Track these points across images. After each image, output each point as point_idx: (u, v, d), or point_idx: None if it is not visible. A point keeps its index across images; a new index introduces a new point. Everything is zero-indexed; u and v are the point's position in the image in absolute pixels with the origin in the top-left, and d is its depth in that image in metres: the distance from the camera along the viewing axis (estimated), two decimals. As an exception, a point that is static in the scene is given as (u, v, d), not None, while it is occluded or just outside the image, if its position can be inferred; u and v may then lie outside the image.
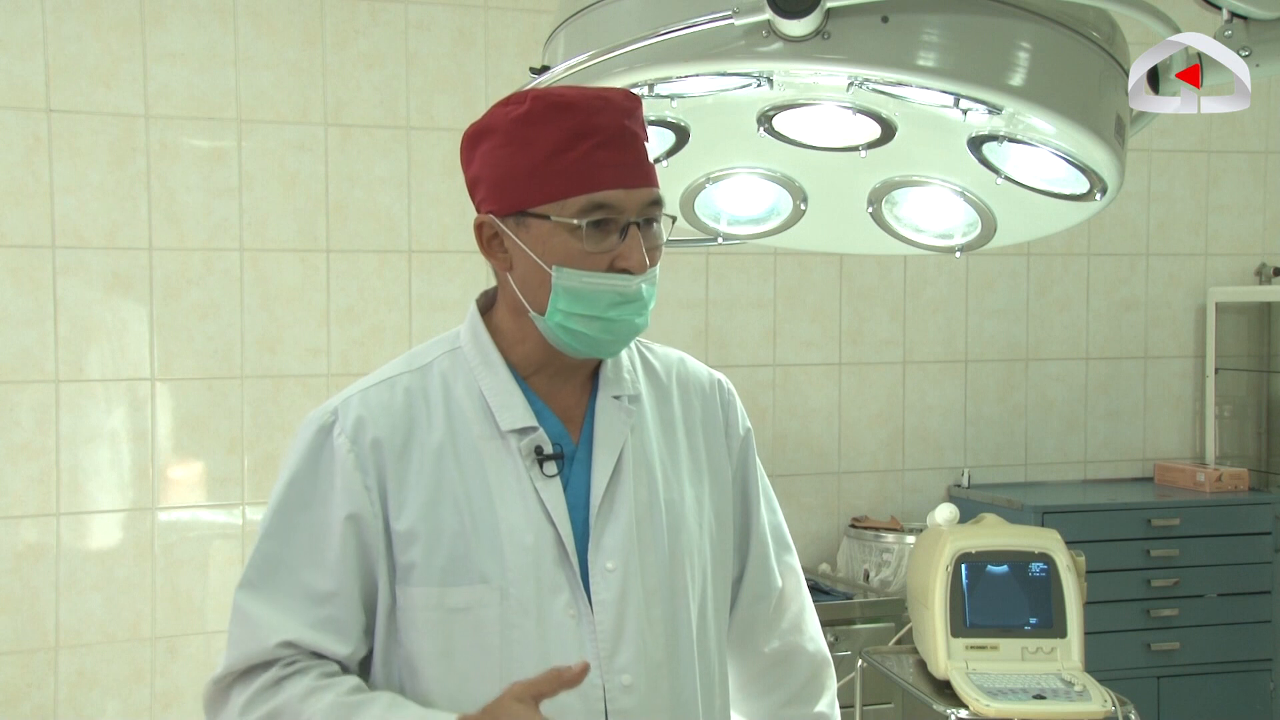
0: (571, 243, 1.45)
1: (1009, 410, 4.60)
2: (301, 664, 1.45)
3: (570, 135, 1.44)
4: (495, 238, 1.51)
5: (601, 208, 1.44)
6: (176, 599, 3.72)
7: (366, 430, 1.49)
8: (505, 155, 1.48)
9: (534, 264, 1.47)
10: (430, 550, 1.47)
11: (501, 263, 1.52)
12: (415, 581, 1.47)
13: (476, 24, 3.97)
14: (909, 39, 1.63)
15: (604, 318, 1.47)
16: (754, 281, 4.29)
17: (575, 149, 1.44)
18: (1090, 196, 1.89)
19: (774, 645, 1.72)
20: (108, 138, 3.65)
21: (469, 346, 1.56)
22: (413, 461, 1.49)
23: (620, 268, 1.46)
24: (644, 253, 1.46)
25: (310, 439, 1.51)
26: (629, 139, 1.47)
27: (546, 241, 1.46)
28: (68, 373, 3.64)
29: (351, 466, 1.48)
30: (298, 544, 1.48)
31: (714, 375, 1.73)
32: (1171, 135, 4.65)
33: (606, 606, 1.49)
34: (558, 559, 1.49)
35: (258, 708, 1.43)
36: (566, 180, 1.44)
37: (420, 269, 3.92)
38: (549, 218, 1.45)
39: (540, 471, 1.50)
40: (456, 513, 1.48)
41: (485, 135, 1.50)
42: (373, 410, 1.51)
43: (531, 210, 1.46)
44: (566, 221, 1.44)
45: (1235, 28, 1.65)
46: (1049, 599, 2.74)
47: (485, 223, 1.51)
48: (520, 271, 1.50)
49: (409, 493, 1.48)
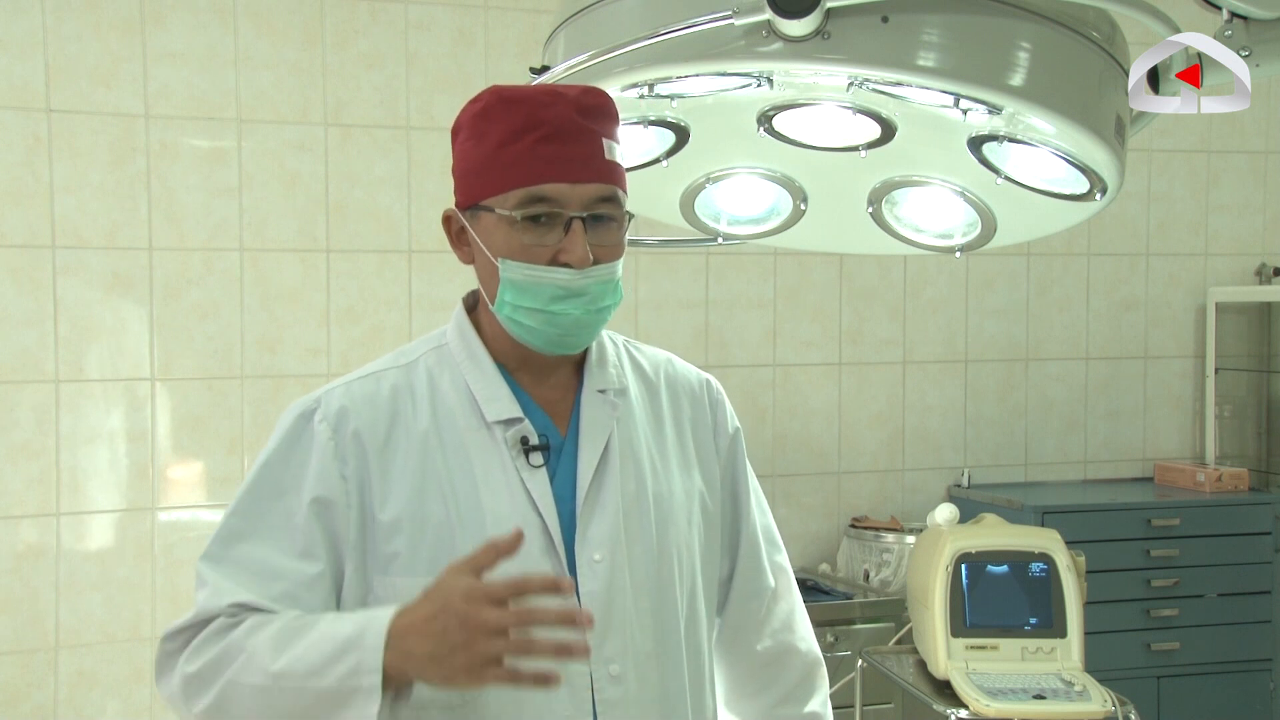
0: (512, 235, 1.47)
1: (1009, 410, 4.60)
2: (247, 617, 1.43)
3: (516, 129, 1.46)
4: (462, 231, 1.54)
5: (541, 201, 1.45)
6: (176, 599, 3.72)
7: (349, 420, 1.50)
8: (466, 150, 1.52)
9: (485, 257, 1.50)
10: (415, 540, 1.47)
11: (464, 255, 1.56)
12: (397, 571, 1.47)
13: (476, 24, 3.97)
14: (909, 39, 1.63)
15: (547, 310, 1.48)
16: (754, 281, 4.29)
17: (519, 142, 1.45)
18: (1090, 196, 1.89)
19: (766, 644, 1.72)
20: (108, 138, 3.65)
21: (455, 342, 1.58)
22: (397, 452, 1.50)
23: (562, 262, 1.46)
24: (586, 248, 1.46)
25: (291, 423, 1.52)
26: (578, 133, 1.47)
27: (492, 234, 1.49)
28: (68, 373, 3.64)
29: (329, 454, 1.48)
30: (265, 522, 1.48)
31: (702, 375, 1.73)
32: (1171, 135, 4.65)
33: (594, 597, 1.49)
34: (544, 549, 1.49)
35: (203, 654, 1.41)
36: (508, 172, 1.46)
37: (420, 269, 3.92)
38: (493, 210, 1.47)
39: (526, 462, 1.51)
40: (442, 502, 1.48)
41: (457, 132, 1.54)
42: (356, 401, 1.52)
43: (481, 203, 1.49)
44: (507, 214, 1.46)
45: (1235, 28, 1.65)
46: (1049, 599, 2.74)
47: (451, 216, 1.55)
48: (478, 264, 1.54)
49: (393, 483, 1.48)
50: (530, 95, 1.48)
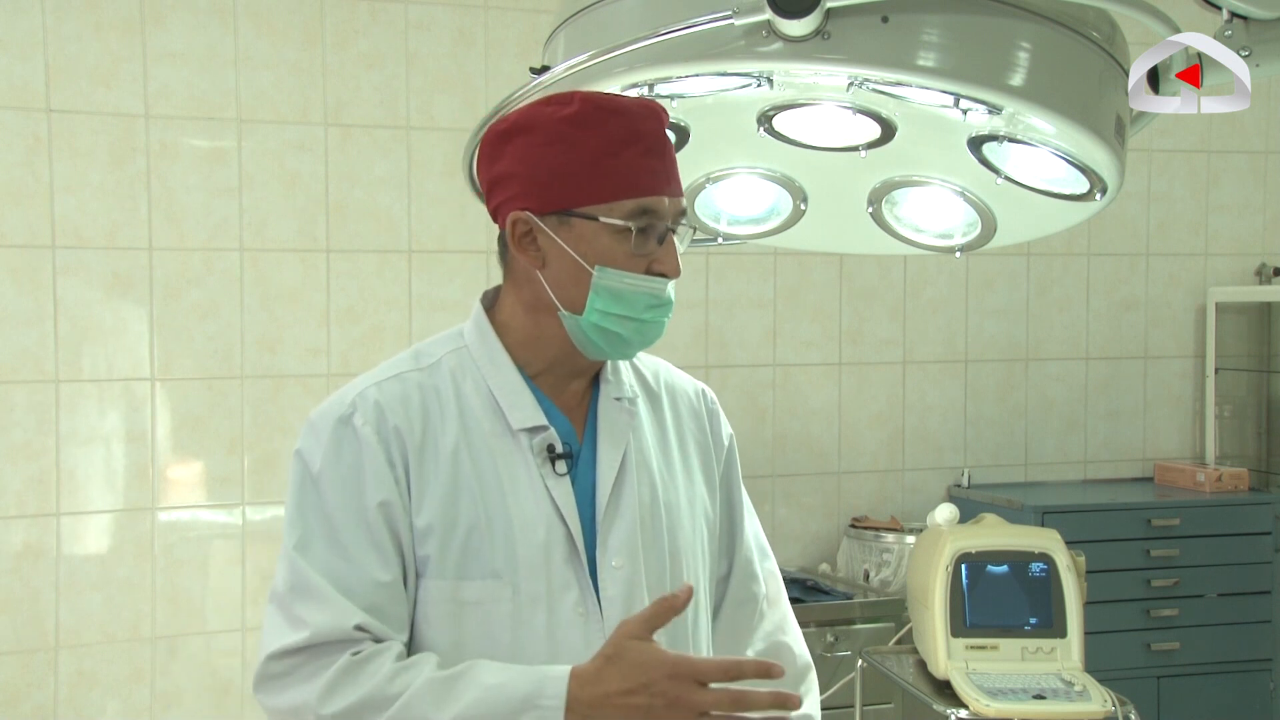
0: (617, 244, 1.48)
1: (1009, 410, 4.60)
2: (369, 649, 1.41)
3: (620, 139, 1.47)
4: (529, 235, 1.51)
5: (648, 213, 1.48)
6: (176, 599, 3.72)
7: (387, 418, 1.49)
8: (549, 154, 1.48)
9: (573, 263, 1.48)
10: (445, 544, 1.47)
11: (534, 260, 1.52)
12: (430, 574, 1.47)
13: (476, 24, 3.97)
14: (909, 39, 1.64)
15: (639, 319, 1.50)
16: (754, 281, 4.29)
17: (625, 153, 1.47)
18: (1090, 196, 1.89)
19: (758, 649, 1.72)
20: (108, 138, 3.65)
21: (475, 345, 1.57)
22: (429, 456, 1.49)
23: (657, 271, 1.50)
24: (678, 259, 1.51)
25: (331, 431, 1.49)
26: (667, 147, 1.52)
27: (591, 242, 1.48)
28: (67, 373, 3.64)
29: (380, 455, 1.47)
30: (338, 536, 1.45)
31: (698, 385, 1.75)
32: (1171, 135, 4.65)
33: (614, 603, 1.50)
34: (567, 556, 1.50)
35: (342, 693, 1.38)
36: (617, 183, 1.47)
37: (420, 269, 3.92)
38: (596, 218, 1.47)
39: (552, 469, 1.51)
40: (472, 507, 1.48)
41: (522, 132, 1.50)
42: (390, 400, 1.51)
43: (577, 210, 1.48)
44: (615, 223, 1.47)
45: (1235, 28, 1.65)
46: (1049, 599, 2.74)
47: (520, 219, 1.51)
48: (555, 270, 1.51)
49: (427, 486, 1.48)
50: (628, 106, 1.50)
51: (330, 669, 1.39)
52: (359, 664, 1.40)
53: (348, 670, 1.39)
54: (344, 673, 1.39)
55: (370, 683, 1.38)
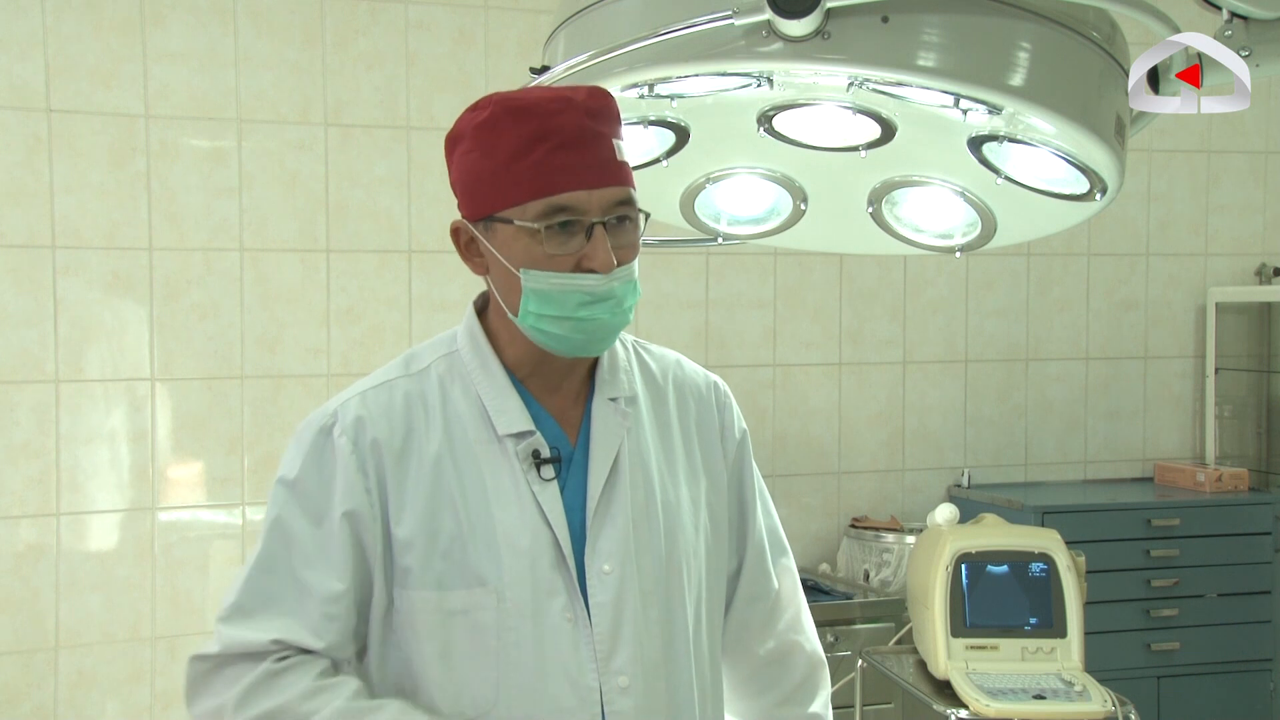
0: (534, 246, 1.45)
1: (1009, 410, 4.60)
2: (293, 659, 1.45)
3: (528, 139, 1.44)
4: (472, 242, 1.52)
5: (562, 210, 1.44)
6: (176, 599, 3.72)
7: (366, 431, 1.50)
8: (472, 161, 1.49)
9: (504, 267, 1.48)
10: (427, 554, 1.47)
11: (478, 266, 1.54)
12: (413, 585, 1.47)
13: (476, 24, 3.97)
14: (909, 39, 1.63)
15: (574, 317, 1.47)
16: (754, 281, 4.29)
17: (533, 152, 1.44)
18: (1090, 196, 1.89)
19: (769, 646, 1.72)
20: (108, 138, 3.65)
21: (466, 349, 1.57)
22: (411, 466, 1.49)
23: (586, 268, 1.46)
24: (609, 252, 1.46)
25: (311, 440, 1.51)
26: (591, 138, 1.46)
27: (511, 245, 1.47)
28: (67, 373, 3.64)
29: (354, 467, 1.48)
30: (300, 544, 1.48)
31: (710, 377, 1.73)
32: (1171, 135, 4.65)
33: (603, 609, 1.49)
34: (554, 562, 1.49)
35: (254, 703, 1.42)
36: (524, 184, 1.44)
37: (420, 269, 3.92)
38: (512, 222, 1.46)
39: (538, 475, 1.50)
40: (454, 517, 1.48)
41: (457, 141, 1.52)
42: (372, 412, 1.51)
43: (496, 215, 1.47)
44: (527, 225, 1.45)
45: (1235, 28, 1.65)
46: (1049, 599, 2.74)
47: (460, 228, 1.53)
48: (495, 275, 1.52)
49: (407, 497, 1.48)
50: (538, 103, 1.46)
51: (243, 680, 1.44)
52: (278, 673, 1.43)
53: (261, 683, 1.43)
54: (258, 684, 1.43)
55: (284, 695, 1.42)
